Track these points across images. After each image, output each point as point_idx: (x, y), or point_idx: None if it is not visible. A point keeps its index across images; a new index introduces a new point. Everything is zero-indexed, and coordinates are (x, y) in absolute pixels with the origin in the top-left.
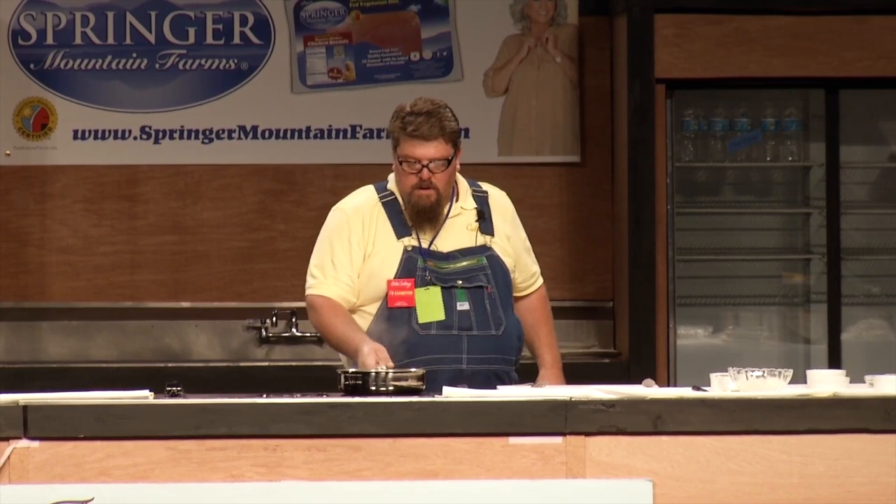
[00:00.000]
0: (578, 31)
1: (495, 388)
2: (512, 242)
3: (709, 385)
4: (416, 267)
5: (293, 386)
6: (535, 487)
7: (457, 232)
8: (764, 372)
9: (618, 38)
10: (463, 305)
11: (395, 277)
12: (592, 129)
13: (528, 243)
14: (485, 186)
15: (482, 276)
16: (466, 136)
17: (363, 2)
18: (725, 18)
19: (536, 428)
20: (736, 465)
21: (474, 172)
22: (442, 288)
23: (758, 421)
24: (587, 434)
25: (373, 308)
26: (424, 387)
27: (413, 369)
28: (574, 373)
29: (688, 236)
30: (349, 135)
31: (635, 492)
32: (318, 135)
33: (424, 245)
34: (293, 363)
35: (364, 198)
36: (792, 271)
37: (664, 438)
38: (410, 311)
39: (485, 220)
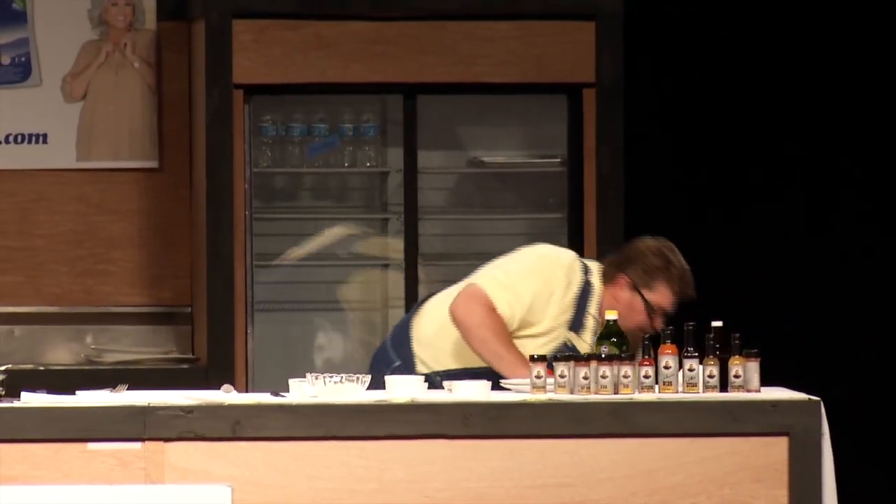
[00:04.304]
0: (157, 37)
1: None
2: None
3: (288, 391)
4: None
5: None
6: (114, 493)
7: None
8: (342, 377)
9: (196, 43)
10: None
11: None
12: (171, 134)
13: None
14: None
15: None
16: (45, 141)
17: None
18: (303, 24)
19: (115, 434)
20: (314, 471)
21: (53, 177)
22: None
23: (336, 426)
24: (166, 440)
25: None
26: (4, 392)
27: None
28: (153, 379)
29: (266, 242)
30: None
31: (214, 497)
32: None
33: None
34: None
35: (574, 268)
36: (371, 277)
37: (243, 444)
38: None
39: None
